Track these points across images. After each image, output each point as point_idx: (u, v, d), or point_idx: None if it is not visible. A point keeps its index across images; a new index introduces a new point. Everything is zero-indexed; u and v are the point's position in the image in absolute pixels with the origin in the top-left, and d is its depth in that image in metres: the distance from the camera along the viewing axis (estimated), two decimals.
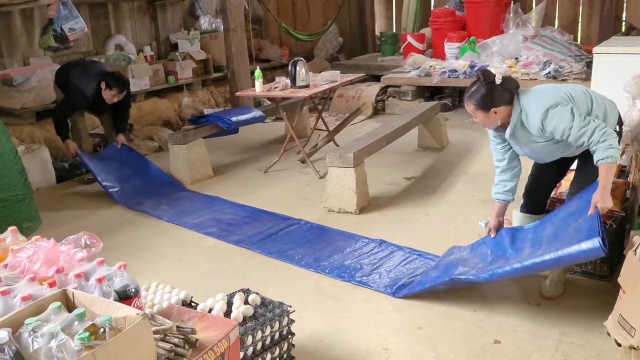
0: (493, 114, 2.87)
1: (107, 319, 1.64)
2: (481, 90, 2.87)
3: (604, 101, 2.94)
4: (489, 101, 2.85)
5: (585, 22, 8.48)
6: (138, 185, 5.18)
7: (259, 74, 5.53)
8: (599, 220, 2.61)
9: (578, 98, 2.85)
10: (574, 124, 2.71)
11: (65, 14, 6.24)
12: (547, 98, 2.81)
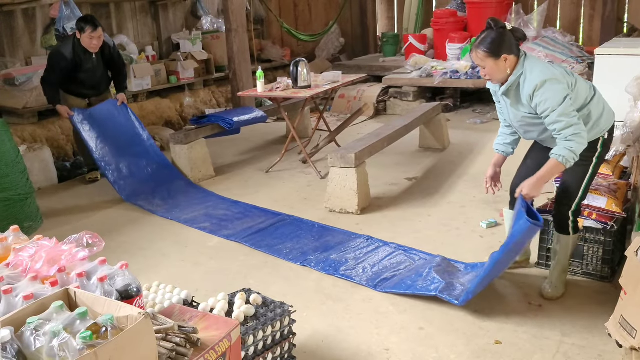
0: (503, 61, 2.78)
1: (109, 318, 1.64)
2: (492, 35, 2.78)
3: (604, 104, 2.94)
4: (500, 46, 2.76)
5: (587, 23, 8.47)
6: (133, 165, 5.16)
7: (261, 74, 5.53)
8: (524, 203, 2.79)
9: (580, 89, 2.84)
10: (559, 109, 2.69)
11: (67, 13, 6.26)
12: (551, 71, 2.76)
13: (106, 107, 5.29)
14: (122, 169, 5.09)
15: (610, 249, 3.21)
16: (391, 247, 3.79)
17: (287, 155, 5.75)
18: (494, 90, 3.06)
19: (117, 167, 5.08)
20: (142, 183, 5.07)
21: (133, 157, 5.21)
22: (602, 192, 3.33)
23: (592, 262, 3.28)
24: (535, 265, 3.45)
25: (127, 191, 4.96)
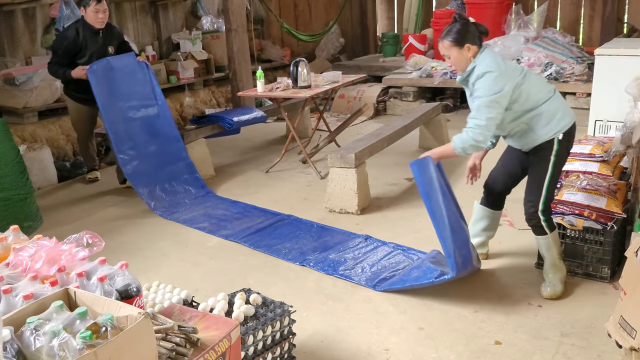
0: (467, 50, 2.95)
1: (108, 318, 1.64)
2: (457, 26, 2.99)
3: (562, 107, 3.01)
4: (464, 36, 2.96)
5: (587, 23, 8.47)
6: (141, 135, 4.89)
7: (261, 74, 5.53)
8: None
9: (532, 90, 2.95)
10: (485, 99, 2.86)
11: (67, 13, 6.26)
12: (497, 66, 2.91)
13: (126, 59, 4.93)
14: (128, 137, 4.78)
15: (610, 250, 3.21)
16: (390, 246, 3.80)
17: (287, 155, 5.75)
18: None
19: (124, 134, 4.76)
20: (148, 161, 4.84)
21: (143, 125, 4.91)
22: (602, 193, 3.33)
23: (591, 263, 3.29)
24: (535, 266, 3.45)
25: (129, 168, 4.74)
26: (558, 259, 3.16)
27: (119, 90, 4.80)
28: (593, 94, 5.62)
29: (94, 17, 4.70)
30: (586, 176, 3.57)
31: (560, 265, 3.17)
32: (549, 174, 3.01)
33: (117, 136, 4.75)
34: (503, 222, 4.08)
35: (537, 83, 3.01)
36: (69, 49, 4.73)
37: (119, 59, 4.88)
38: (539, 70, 6.84)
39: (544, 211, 3.06)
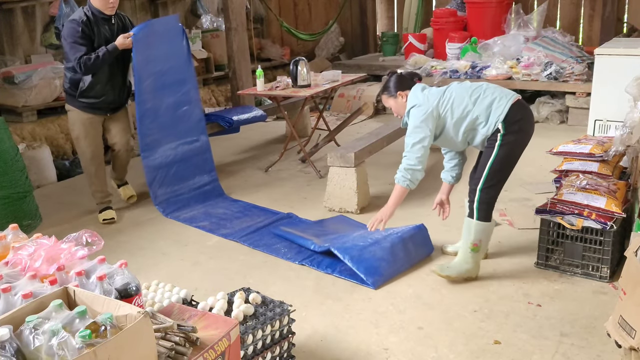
0: (400, 97, 3.32)
1: (108, 317, 1.64)
2: (387, 80, 3.39)
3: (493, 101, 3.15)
4: (394, 87, 3.34)
5: (587, 23, 8.47)
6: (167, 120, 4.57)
7: (260, 73, 5.53)
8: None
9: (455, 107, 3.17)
10: (410, 129, 3.20)
11: (67, 11, 6.25)
12: (415, 98, 3.23)
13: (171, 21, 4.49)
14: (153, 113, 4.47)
15: (609, 249, 3.21)
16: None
17: (286, 154, 5.74)
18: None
19: (150, 108, 4.43)
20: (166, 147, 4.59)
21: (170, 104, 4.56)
22: (601, 192, 3.33)
23: (591, 262, 3.29)
24: (535, 265, 3.45)
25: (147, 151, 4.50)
26: (470, 249, 3.25)
27: (156, 60, 4.38)
28: (593, 94, 5.63)
29: (104, 2, 4.10)
30: (586, 176, 3.57)
31: (469, 257, 3.27)
32: (492, 157, 3.15)
33: (142, 109, 4.40)
34: (503, 222, 4.08)
35: (460, 93, 3.21)
36: (86, 34, 4.07)
37: (162, 22, 4.44)
38: (539, 70, 6.84)
39: (479, 198, 3.20)
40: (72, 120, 4.34)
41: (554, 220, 3.34)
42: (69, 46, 4.06)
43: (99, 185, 4.49)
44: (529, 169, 4.94)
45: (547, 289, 3.23)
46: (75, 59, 4.03)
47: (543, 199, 3.87)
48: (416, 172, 3.21)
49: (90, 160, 4.42)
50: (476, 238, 3.24)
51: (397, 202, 3.33)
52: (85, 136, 4.33)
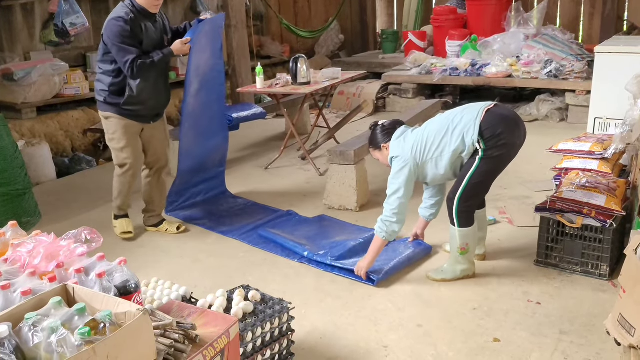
0: (385, 149, 3.36)
1: (107, 314, 1.64)
2: (370, 135, 3.47)
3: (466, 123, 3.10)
4: (376, 140, 3.41)
5: (587, 21, 8.46)
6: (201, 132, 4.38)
7: (260, 70, 5.52)
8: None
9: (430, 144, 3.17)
10: (390, 183, 3.24)
11: (66, 8, 6.25)
12: (397, 147, 3.26)
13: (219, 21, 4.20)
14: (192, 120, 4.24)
15: (609, 247, 3.21)
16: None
17: (286, 151, 5.74)
18: None
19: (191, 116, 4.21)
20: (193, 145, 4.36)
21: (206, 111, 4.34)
22: (601, 190, 3.33)
23: (591, 260, 3.28)
24: (534, 263, 3.45)
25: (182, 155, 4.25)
26: (458, 253, 3.27)
27: (203, 61, 4.13)
28: (593, 92, 5.63)
29: (151, 2, 3.71)
30: (586, 174, 3.57)
31: (460, 259, 3.29)
32: (472, 170, 3.11)
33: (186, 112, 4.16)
34: (502, 220, 4.08)
35: (433, 132, 3.18)
36: (135, 33, 3.67)
37: (212, 22, 4.04)
38: (539, 68, 6.83)
39: (457, 207, 3.20)
40: (114, 128, 3.85)
41: (554, 218, 3.34)
42: (116, 48, 3.61)
43: (127, 199, 4.14)
44: (529, 166, 4.94)
45: (547, 287, 3.23)
46: (127, 62, 3.59)
47: (543, 196, 3.87)
48: (392, 225, 3.19)
49: (130, 174, 3.99)
50: (462, 243, 3.24)
51: (376, 253, 3.30)
52: (128, 146, 3.88)
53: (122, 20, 3.62)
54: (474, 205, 3.25)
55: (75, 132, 6.34)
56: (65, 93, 6.35)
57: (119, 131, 3.84)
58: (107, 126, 3.90)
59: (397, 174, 3.20)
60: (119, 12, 3.67)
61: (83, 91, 6.50)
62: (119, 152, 3.93)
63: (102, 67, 3.80)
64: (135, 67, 3.60)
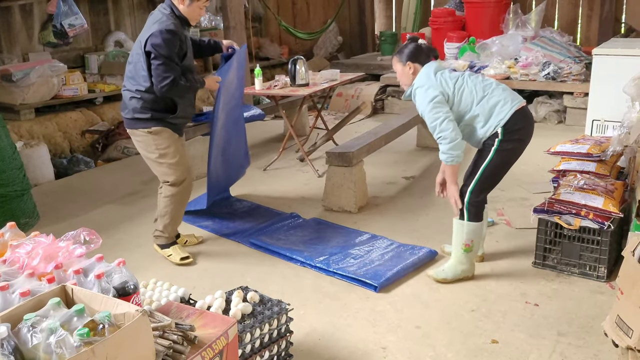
0: (408, 67, 3.23)
1: (106, 315, 1.64)
2: (405, 45, 3.30)
3: (498, 103, 3.13)
4: (408, 55, 3.23)
5: (585, 23, 8.48)
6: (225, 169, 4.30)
7: (259, 72, 5.52)
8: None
9: (464, 98, 3.15)
10: (425, 114, 3.12)
11: (65, 9, 6.24)
12: (426, 80, 3.17)
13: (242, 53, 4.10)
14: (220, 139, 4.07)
15: (606, 249, 3.22)
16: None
17: (284, 153, 5.74)
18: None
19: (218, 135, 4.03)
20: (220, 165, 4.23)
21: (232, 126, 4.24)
22: (599, 192, 3.34)
23: (588, 262, 3.29)
24: (532, 265, 3.46)
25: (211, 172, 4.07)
26: (462, 249, 3.27)
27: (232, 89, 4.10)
28: (590, 94, 5.64)
29: (197, 13, 3.53)
30: (583, 176, 3.58)
31: (463, 258, 3.29)
32: (486, 162, 3.16)
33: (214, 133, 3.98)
34: (500, 221, 4.09)
35: (472, 87, 3.17)
36: (182, 49, 3.48)
37: (238, 55, 3.97)
38: (537, 70, 6.85)
39: (469, 200, 3.21)
40: (167, 142, 3.53)
41: (552, 219, 3.34)
42: (161, 60, 3.32)
43: (178, 221, 3.79)
44: (527, 168, 4.95)
45: (545, 288, 3.23)
46: (167, 78, 3.32)
47: (541, 198, 3.87)
48: (459, 144, 3.10)
49: (188, 190, 3.70)
50: (468, 238, 3.25)
51: (456, 176, 3.23)
52: (183, 159, 3.62)
53: (172, 34, 3.36)
54: (484, 200, 3.27)
55: (74, 133, 6.34)
56: (63, 94, 6.34)
57: (172, 145, 3.55)
58: (158, 141, 3.52)
59: (436, 104, 3.09)
60: (167, 24, 3.38)
61: (81, 92, 6.50)
62: (174, 167, 3.57)
63: (144, 84, 3.44)
64: (175, 87, 3.36)
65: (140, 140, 3.59)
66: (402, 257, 3.56)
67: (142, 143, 3.59)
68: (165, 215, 3.69)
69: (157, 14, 3.47)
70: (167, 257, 3.74)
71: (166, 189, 3.65)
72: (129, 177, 5.47)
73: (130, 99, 3.51)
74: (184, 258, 3.70)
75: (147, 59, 3.39)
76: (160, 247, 3.78)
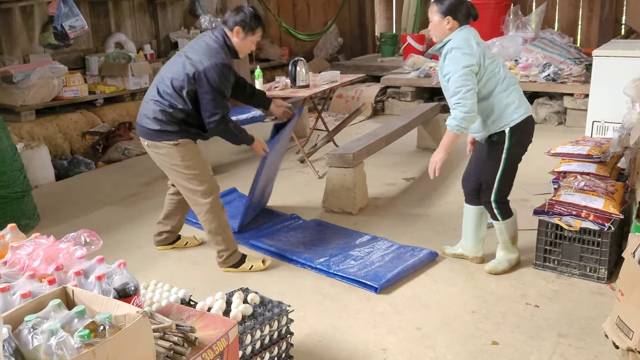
0: (446, 22, 3.09)
1: (107, 317, 1.64)
2: None
3: (518, 101, 3.15)
4: (449, 8, 3.09)
5: (585, 24, 8.49)
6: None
7: (259, 73, 5.53)
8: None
9: (493, 77, 3.10)
10: (455, 76, 3.00)
11: (65, 11, 6.25)
12: (466, 43, 3.05)
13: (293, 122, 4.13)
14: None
15: (607, 250, 3.22)
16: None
17: (285, 154, 5.74)
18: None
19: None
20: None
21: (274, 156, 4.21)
22: (599, 194, 3.34)
23: (589, 263, 3.29)
24: (533, 266, 3.46)
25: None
26: (510, 243, 3.40)
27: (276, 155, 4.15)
28: (591, 95, 5.64)
29: (248, 47, 3.51)
30: (584, 177, 3.58)
31: (511, 248, 3.42)
32: (501, 169, 3.20)
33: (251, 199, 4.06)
34: None
35: (501, 76, 3.13)
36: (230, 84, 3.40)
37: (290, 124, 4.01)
38: (537, 71, 6.85)
39: (496, 201, 3.28)
40: (191, 153, 3.39)
41: (552, 221, 3.34)
42: (213, 95, 3.24)
43: (229, 230, 3.57)
44: (527, 169, 4.93)
45: (545, 289, 3.23)
46: (217, 114, 3.27)
47: (541, 200, 3.88)
48: (473, 118, 3.05)
49: (220, 206, 3.51)
50: (510, 233, 3.38)
51: (451, 147, 3.16)
52: (206, 168, 3.49)
53: (228, 68, 3.30)
54: (507, 195, 3.32)
55: (74, 134, 6.34)
56: (64, 95, 6.34)
57: (197, 155, 3.42)
58: (182, 153, 3.36)
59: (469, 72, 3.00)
60: (222, 56, 3.29)
61: (82, 93, 6.50)
62: (201, 176, 3.41)
63: (177, 103, 3.30)
64: (222, 124, 3.33)
65: (164, 153, 3.38)
66: (403, 259, 3.56)
67: (167, 156, 3.39)
68: (216, 233, 3.48)
69: (211, 43, 3.32)
70: (250, 270, 3.55)
71: (201, 205, 3.43)
72: (129, 179, 5.47)
73: (160, 112, 3.30)
74: (264, 261, 3.60)
75: (191, 83, 3.26)
76: (235, 266, 3.55)
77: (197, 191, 3.42)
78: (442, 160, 3.19)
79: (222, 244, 3.52)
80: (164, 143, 3.36)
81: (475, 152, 3.44)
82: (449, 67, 3.04)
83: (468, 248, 3.55)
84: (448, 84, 3.06)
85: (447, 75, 3.05)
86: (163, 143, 3.36)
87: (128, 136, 6.40)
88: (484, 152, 3.30)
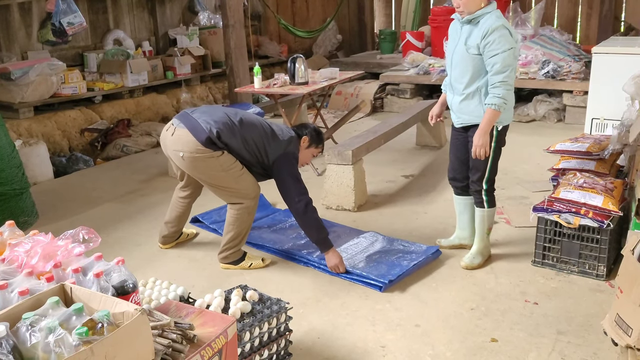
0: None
1: (105, 314, 1.63)
2: None
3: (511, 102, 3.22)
4: None
5: (585, 21, 8.48)
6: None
7: (258, 70, 5.52)
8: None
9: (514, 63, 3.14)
10: (504, 54, 3.03)
11: (63, 8, 6.24)
12: (509, 24, 3.11)
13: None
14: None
15: (606, 248, 3.22)
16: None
17: None
18: (454, 26, 3.30)
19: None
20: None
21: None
22: (598, 191, 3.34)
23: (588, 261, 3.29)
24: (532, 263, 3.46)
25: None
26: (486, 233, 3.48)
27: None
28: (590, 92, 5.64)
29: (308, 159, 3.68)
30: (583, 174, 3.58)
31: (486, 240, 3.50)
32: (491, 156, 3.27)
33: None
34: (500, 220, 4.09)
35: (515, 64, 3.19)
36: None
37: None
38: (536, 68, 6.84)
39: (487, 189, 3.37)
40: (231, 159, 3.38)
41: (551, 218, 3.34)
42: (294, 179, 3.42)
43: (244, 241, 3.64)
44: (527, 167, 4.95)
45: (544, 287, 3.23)
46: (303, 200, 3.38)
47: (540, 197, 3.88)
48: (512, 94, 3.15)
49: (255, 208, 3.56)
50: (490, 222, 3.47)
51: (491, 126, 3.18)
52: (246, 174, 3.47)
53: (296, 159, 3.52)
54: (495, 182, 3.41)
55: (73, 131, 6.33)
56: (62, 92, 6.34)
57: (237, 162, 3.41)
58: (222, 161, 3.35)
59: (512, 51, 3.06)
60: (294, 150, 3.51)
61: (80, 90, 6.49)
62: (242, 183, 3.44)
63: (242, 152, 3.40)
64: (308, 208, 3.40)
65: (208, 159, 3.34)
66: (406, 257, 3.54)
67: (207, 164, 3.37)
68: (237, 236, 3.54)
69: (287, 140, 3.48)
70: (249, 268, 3.59)
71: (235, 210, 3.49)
72: (128, 176, 5.47)
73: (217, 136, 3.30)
74: (263, 259, 3.64)
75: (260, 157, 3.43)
76: (234, 264, 3.59)
77: (244, 196, 3.47)
78: (488, 142, 3.20)
79: (234, 240, 3.53)
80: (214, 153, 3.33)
81: (455, 148, 3.45)
82: (497, 45, 3.02)
83: (466, 237, 3.65)
84: (493, 59, 3.05)
85: (493, 50, 3.04)
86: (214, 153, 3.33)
87: (127, 133, 6.40)
88: (465, 143, 3.35)
